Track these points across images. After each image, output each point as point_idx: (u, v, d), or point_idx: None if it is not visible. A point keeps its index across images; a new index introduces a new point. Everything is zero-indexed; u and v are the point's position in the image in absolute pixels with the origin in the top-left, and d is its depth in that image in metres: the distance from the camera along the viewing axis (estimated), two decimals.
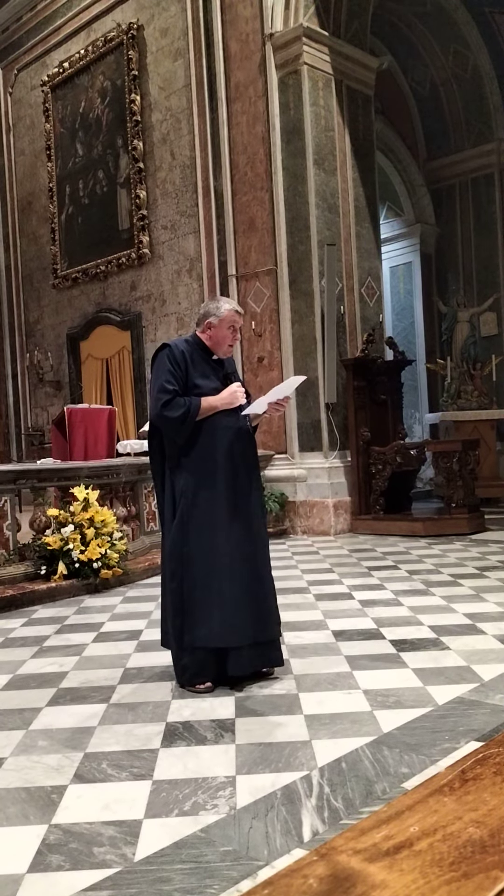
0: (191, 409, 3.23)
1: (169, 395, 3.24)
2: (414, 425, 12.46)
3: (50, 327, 12.47)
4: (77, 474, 6.36)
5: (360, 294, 9.12)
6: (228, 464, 3.29)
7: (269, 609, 3.33)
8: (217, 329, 3.38)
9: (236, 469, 3.31)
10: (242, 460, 3.35)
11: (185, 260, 9.91)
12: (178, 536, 3.29)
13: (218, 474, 3.28)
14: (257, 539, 3.35)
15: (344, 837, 0.67)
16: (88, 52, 11.18)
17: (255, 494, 3.41)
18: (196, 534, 3.26)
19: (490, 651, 3.63)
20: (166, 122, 10.08)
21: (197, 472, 3.29)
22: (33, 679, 3.57)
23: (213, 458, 3.29)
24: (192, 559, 3.26)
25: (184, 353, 3.34)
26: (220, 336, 3.39)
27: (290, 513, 8.58)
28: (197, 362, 3.37)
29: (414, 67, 12.51)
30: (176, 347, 3.36)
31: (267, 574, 3.39)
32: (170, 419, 3.24)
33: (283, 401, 3.38)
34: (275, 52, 8.66)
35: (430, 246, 12.93)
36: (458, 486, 7.92)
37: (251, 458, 3.43)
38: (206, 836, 2.01)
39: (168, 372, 3.29)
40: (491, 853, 0.63)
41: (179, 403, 3.23)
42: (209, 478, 3.27)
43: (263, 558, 3.38)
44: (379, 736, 2.63)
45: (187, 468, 3.31)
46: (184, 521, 3.28)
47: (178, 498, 3.32)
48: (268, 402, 3.36)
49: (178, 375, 3.29)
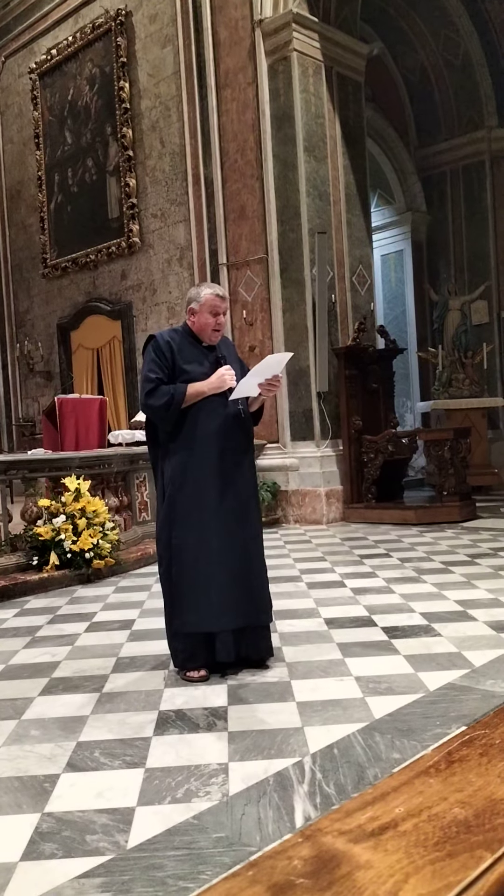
0: (175, 395, 3.24)
1: (152, 383, 3.28)
2: (406, 414, 12.48)
3: (40, 317, 12.40)
4: (68, 465, 6.34)
5: (352, 282, 9.10)
6: (216, 448, 3.28)
7: (257, 595, 3.32)
8: (199, 314, 3.37)
9: (224, 453, 3.29)
10: (231, 444, 3.32)
11: (176, 249, 9.86)
12: (166, 523, 3.32)
13: (205, 459, 3.27)
14: (247, 524, 3.34)
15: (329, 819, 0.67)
16: (76, 39, 11.07)
17: (245, 479, 3.38)
18: (183, 519, 3.27)
19: (481, 637, 3.65)
20: (155, 109, 10.01)
21: (185, 458, 3.29)
22: (25, 669, 3.58)
23: (201, 443, 3.28)
24: (180, 545, 3.27)
25: (169, 342, 3.36)
26: (203, 321, 3.38)
27: (283, 502, 8.59)
28: (185, 349, 3.37)
29: (404, 54, 12.44)
30: (161, 337, 3.40)
31: (257, 560, 3.37)
32: (154, 407, 3.28)
33: (273, 380, 3.32)
34: (264, 38, 8.59)
35: (422, 234, 12.90)
36: (450, 475, 7.94)
37: (242, 442, 3.39)
38: (198, 823, 2.02)
39: (152, 361, 3.34)
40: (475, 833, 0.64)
41: (163, 391, 3.26)
42: (196, 463, 3.27)
43: (253, 544, 3.37)
44: (371, 722, 2.64)
45: (176, 454, 3.31)
46: (170, 504, 3.30)
47: (167, 484, 3.32)
48: (257, 382, 3.31)
49: (162, 364, 3.32)
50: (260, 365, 3.30)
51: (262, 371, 3.29)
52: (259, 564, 3.39)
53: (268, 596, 3.41)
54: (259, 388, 3.32)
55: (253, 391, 3.34)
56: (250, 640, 3.33)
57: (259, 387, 3.32)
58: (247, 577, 3.29)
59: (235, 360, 3.52)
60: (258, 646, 3.36)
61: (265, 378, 3.31)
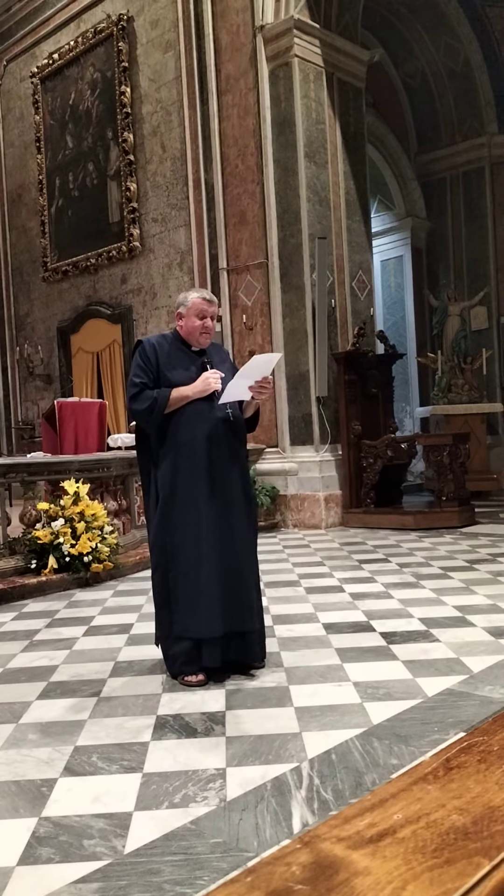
0: (158, 399, 3.24)
1: (136, 388, 3.30)
2: (405, 419, 12.48)
3: (40, 320, 12.41)
4: (67, 468, 6.34)
5: (352, 288, 9.12)
6: (205, 452, 3.27)
7: (245, 601, 3.29)
8: (187, 318, 3.38)
9: (213, 457, 3.28)
10: (220, 449, 3.30)
11: (176, 253, 9.87)
12: (156, 528, 3.33)
13: (195, 463, 3.26)
14: (237, 529, 3.31)
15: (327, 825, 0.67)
16: (78, 44, 11.10)
17: (236, 484, 3.35)
18: (172, 525, 3.26)
19: (479, 643, 3.65)
20: (157, 114, 10.03)
21: (174, 462, 3.28)
22: (23, 673, 3.57)
23: (189, 448, 3.27)
24: (169, 550, 3.27)
25: (154, 346, 3.37)
26: (190, 325, 3.37)
27: (281, 506, 8.59)
28: (172, 354, 3.37)
29: (405, 60, 12.48)
30: (147, 342, 3.41)
31: (247, 566, 3.35)
32: (137, 411, 3.30)
33: (263, 382, 3.28)
34: (265, 44, 8.62)
35: (421, 240, 12.93)
36: (449, 480, 7.94)
37: (232, 445, 3.36)
38: (195, 828, 2.02)
39: (138, 367, 3.36)
40: (473, 840, 0.64)
41: (147, 396, 3.27)
42: (186, 467, 3.26)
43: (244, 549, 3.34)
44: (369, 728, 2.64)
45: (165, 459, 3.31)
46: (162, 511, 3.29)
47: (159, 488, 3.32)
48: (246, 384, 3.27)
49: (147, 369, 3.33)
50: (247, 366, 3.23)
51: (249, 373, 3.23)
52: (249, 571, 3.35)
53: (257, 602, 3.37)
54: (250, 390, 3.29)
55: (244, 394, 3.31)
56: (239, 645, 3.31)
57: (250, 389, 3.29)
58: (235, 584, 3.26)
59: (229, 367, 3.49)
60: (248, 650, 3.34)
61: (254, 380, 3.26)
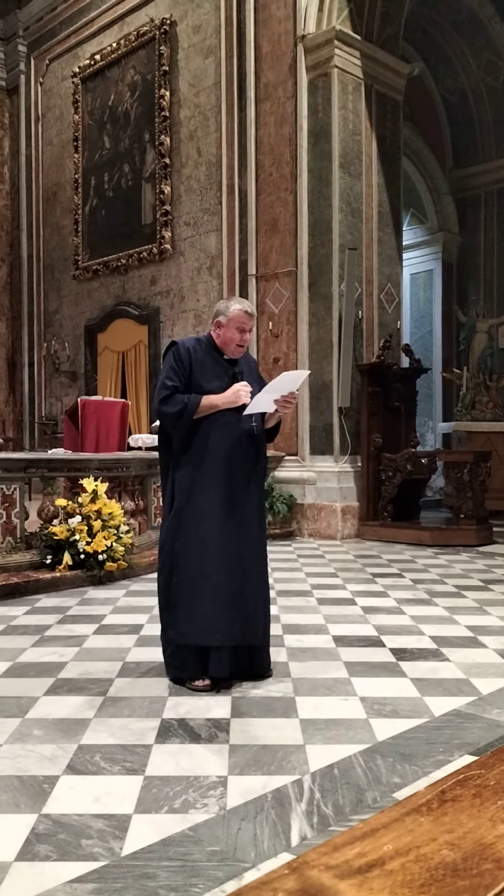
0: (188, 405, 3.23)
1: (168, 391, 3.27)
2: (427, 434, 12.41)
3: (68, 318, 12.52)
4: (87, 466, 6.38)
5: (379, 300, 9.10)
6: (226, 463, 3.27)
7: (255, 612, 3.29)
8: (225, 329, 3.36)
9: (234, 469, 3.28)
10: (241, 460, 3.31)
11: (206, 257, 9.92)
12: (170, 531, 3.32)
13: (214, 472, 3.26)
14: (250, 541, 3.31)
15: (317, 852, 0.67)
16: (120, 46, 11.21)
17: (253, 496, 3.36)
18: (186, 530, 3.26)
19: (490, 665, 3.61)
20: (194, 118, 10.10)
21: (194, 469, 3.29)
22: (32, 668, 3.60)
23: (211, 456, 3.27)
24: (181, 555, 3.26)
25: (189, 350, 3.35)
26: (228, 336, 3.36)
27: (298, 515, 8.58)
28: (205, 361, 3.36)
29: (445, 75, 12.45)
30: (182, 345, 3.38)
31: (258, 577, 3.35)
32: (166, 414, 3.28)
33: (289, 397, 3.30)
34: (306, 53, 8.64)
35: (452, 255, 12.87)
36: (468, 497, 7.88)
37: (252, 458, 3.37)
38: (194, 835, 2.02)
39: (171, 369, 3.33)
40: (462, 877, 0.63)
41: (178, 400, 3.25)
42: (205, 475, 3.27)
43: (256, 561, 3.34)
44: (373, 744, 2.62)
45: (186, 464, 3.31)
46: (177, 516, 3.30)
47: (175, 493, 3.33)
48: (273, 398, 3.28)
49: (180, 372, 3.31)
50: (275, 381, 3.27)
51: (277, 388, 3.26)
52: (259, 583, 3.35)
53: (265, 617, 3.37)
54: (275, 404, 3.31)
55: (268, 407, 3.32)
56: (245, 658, 3.31)
57: (275, 403, 3.30)
58: (243, 596, 3.25)
59: (255, 378, 3.50)
60: (253, 663, 3.34)
61: (281, 395, 3.28)
